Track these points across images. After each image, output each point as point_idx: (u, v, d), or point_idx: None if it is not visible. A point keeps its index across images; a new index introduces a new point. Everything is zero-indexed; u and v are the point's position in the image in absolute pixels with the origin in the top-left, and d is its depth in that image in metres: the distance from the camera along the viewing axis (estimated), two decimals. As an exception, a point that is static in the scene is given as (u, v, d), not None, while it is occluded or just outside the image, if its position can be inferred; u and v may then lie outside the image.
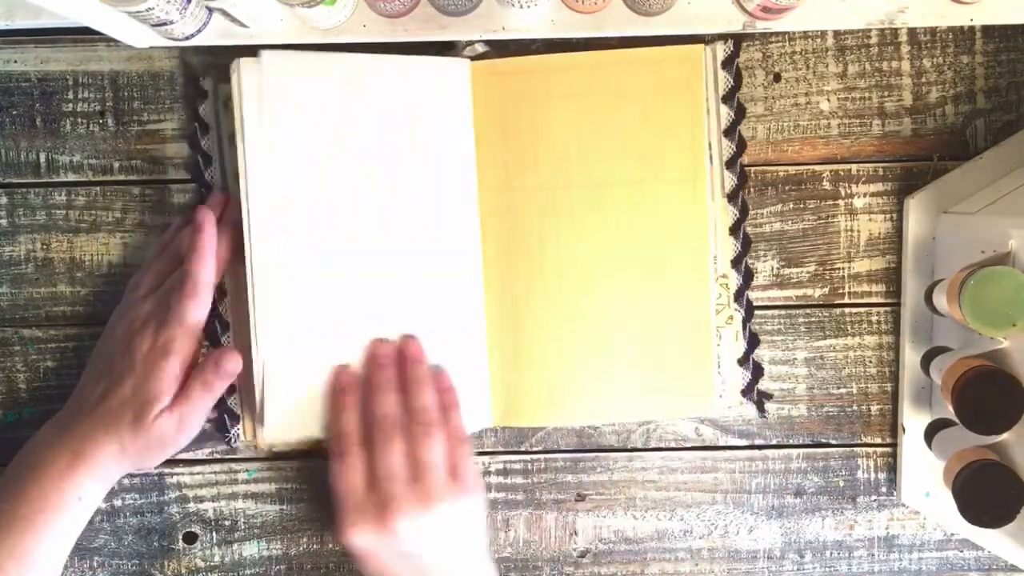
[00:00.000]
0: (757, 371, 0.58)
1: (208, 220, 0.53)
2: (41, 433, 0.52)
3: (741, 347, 0.57)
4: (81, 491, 0.50)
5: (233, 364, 0.53)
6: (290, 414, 0.55)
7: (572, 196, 0.56)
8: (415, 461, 0.50)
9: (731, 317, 0.57)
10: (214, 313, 0.55)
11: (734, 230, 0.56)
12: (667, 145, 0.55)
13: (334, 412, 0.54)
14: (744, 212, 0.56)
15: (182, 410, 0.51)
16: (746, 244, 0.57)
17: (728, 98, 0.56)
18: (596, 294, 0.56)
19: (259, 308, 0.54)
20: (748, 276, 0.57)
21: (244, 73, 0.52)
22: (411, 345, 0.55)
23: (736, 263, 0.57)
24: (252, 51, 0.54)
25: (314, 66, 0.54)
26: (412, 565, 0.49)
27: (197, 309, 0.52)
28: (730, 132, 0.56)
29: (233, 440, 0.57)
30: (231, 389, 0.56)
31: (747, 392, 0.58)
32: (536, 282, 0.56)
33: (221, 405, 0.57)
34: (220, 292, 0.56)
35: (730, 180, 0.56)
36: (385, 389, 0.53)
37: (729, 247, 0.57)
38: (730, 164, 0.56)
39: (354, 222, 0.55)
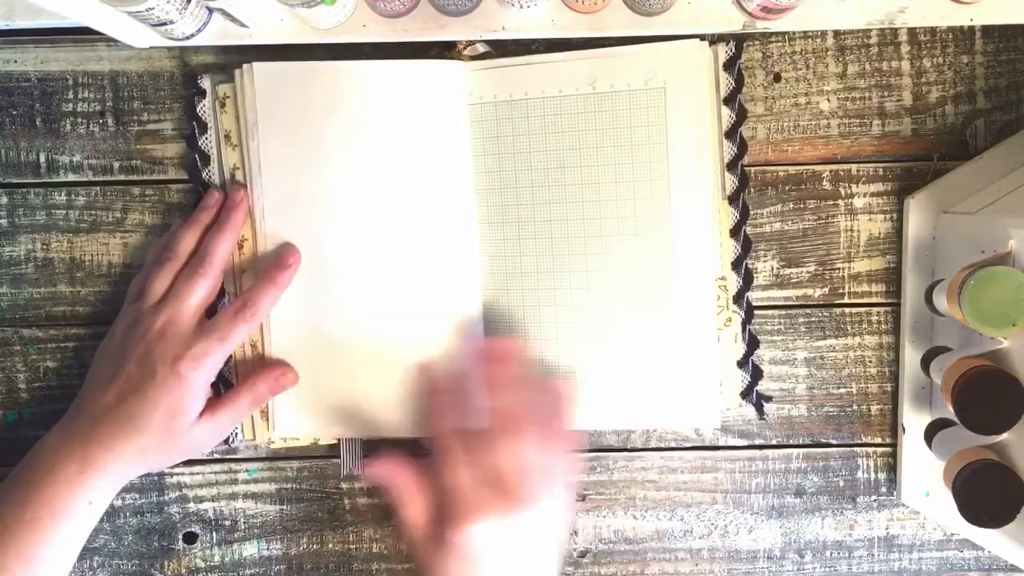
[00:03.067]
0: (756, 374, 0.58)
1: (297, 261, 0.55)
2: (48, 437, 0.52)
3: (740, 349, 0.57)
4: (91, 496, 0.50)
5: (291, 381, 0.55)
6: (299, 412, 0.57)
7: (569, 196, 0.56)
8: (520, 459, 0.49)
9: (730, 319, 0.57)
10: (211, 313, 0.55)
11: (734, 232, 0.56)
12: (665, 145, 0.55)
13: (435, 411, 0.53)
14: (745, 214, 0.56)
15: (223, 419, 0.53)
16: (746, 246, 0.57)
17: (729, 100, 0.56)
18: (593, 297, 0.56)
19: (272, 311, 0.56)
20: (748, 278, 0.57)
21: (251, 79, 0.54)
22: (508, 344, 0.55)
23: (736, 265, 0.57)
24: (252, 51, 0.55)
25: (307, 74, 0.55)
26: (509, 561, 0.48)
27: (245, 335, 0.54)
28: (731, 134, 0.56)
29: (232, 439, 0.57)
30: (229, 387, 0.56)
31: (746, 394, 0.58)
32: (534, 284, 0.56)
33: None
34: (222, 291, 0.56)
35: (731, 182, 0.56)
36: (504, 386, 0.52)
37: (729, 249, 0.56)
38: (731, 166, 0.56)
39: (358, 222, 0.56)
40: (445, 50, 0.56)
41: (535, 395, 0.53)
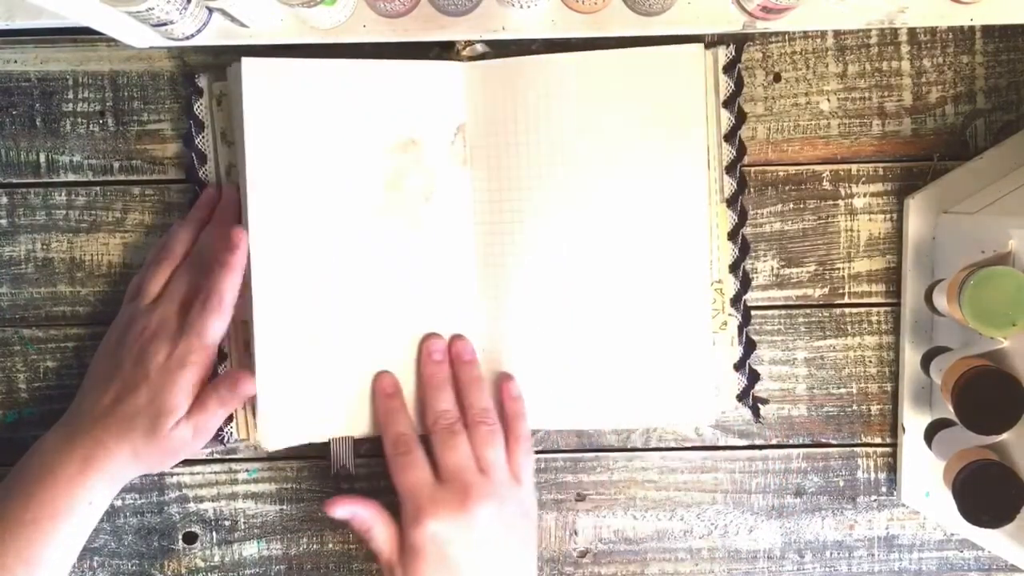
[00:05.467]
0: (753, 377, 0.58)
1: (242, 240, 0.53)
2: (47, 437, 0.52)
3: (737, 352, 0.57)
4: (91, 495, 0.50)
5: (248, 388, 0.54)
6: (287, 419, 0.56)
7: (565, 199, 0.55)
8: (480, 458, 0.52)
9: (725, 323, 0.57)
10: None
11: (732, 235, 0.56)
12: (664, 147, 0.55)
13: (385, 416, 0.55)
14: (743, 217, 0.56)
15: (198, 420, 0.52)
16: (744, 249, 0.57)
17: (729, 103, 0.56)
18: (588, 298, 0.56)
19: (258, 310, 0.54)
20: (746, 281, 0.57)
21: (239, 76, 0.53)
22: (464, 346, 0.56)
23: (734, 268, 0.57)
24: (252, 51, 0.54)
25: (305, 72, 0.54)
26: (477, 557, 0.50)
27: (219, 326, 0.52)
28: (730, 137, 0.56)
29: (227, 439, 0.57)
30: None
31: (742, 397, 0.58)
32: (529, 285, 0.56)
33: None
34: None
35: (729, 185, 0.56)
36: (444, 386, 0.55)
37: (727, 252, 0.56)
38: (730, 169, 0.56)
39: (352, 224, 0.55)
40: (445, 50, 0.56)
41: (487, 394, 0.55)
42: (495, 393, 0.56)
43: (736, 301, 0.57)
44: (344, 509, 0.53)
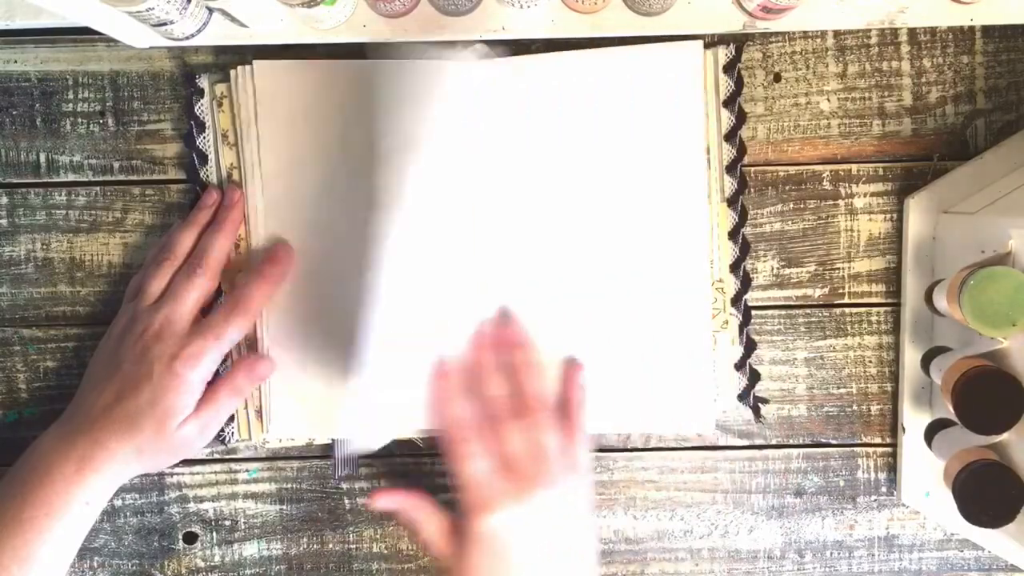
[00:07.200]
0: (754, 376, 0.58)
1: (289, 257, 0.55)
2: (45, 436, 0.52)
3: (738, 352, 0.57)
4: (88, 495, 0.50)
5: (267, 368, 0.55)
6: (294, 412, 0.57)
7: (567, 198, 0.55)
8: (535, 444, 0.50)
9: (726, 322, 0.57)
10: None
11: (733, 235, 0.56)
12: (664, 144, 0.55)
13: (439, 399, 0.53)
14: (743, 217, 0.56)
15: (207, 416, 0.53)
16: (744, 249, 0.57)
17: (729, 103, 0.56)
18: (589, 298, 0.56)
19: (266, 307, 0.55)
20: (746, 281, 0.57)
21: (248, 78, 0.54)
22: (515, 330, 0.55)
23: (734, 268, 0.57)
24: (252, 51, 0.55)
25: (312, 72, 0.55)
26: (535, 547, 0.49)
27: (240, 332, 0.53)
28: (731, 137, 0.56)
29: (228, 439, 0.57)
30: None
31: (743, 397, 0.58)
32: (531, 285, 0.56)
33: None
34: (219, 291, 0.56)
35: (730, 185, 0.56)
36: (496, 370, 0.53)
37: (728, 252, 0.56)
38: (730, 169, 0.56)
39: (355, 221, 0.55)
40: (444, 51, 0.56)
41: (546, 381, 0.54)
42: (559, 378, 0.55)
43: (736, 301, 0.57)
44: (389, 500, 0.52)
